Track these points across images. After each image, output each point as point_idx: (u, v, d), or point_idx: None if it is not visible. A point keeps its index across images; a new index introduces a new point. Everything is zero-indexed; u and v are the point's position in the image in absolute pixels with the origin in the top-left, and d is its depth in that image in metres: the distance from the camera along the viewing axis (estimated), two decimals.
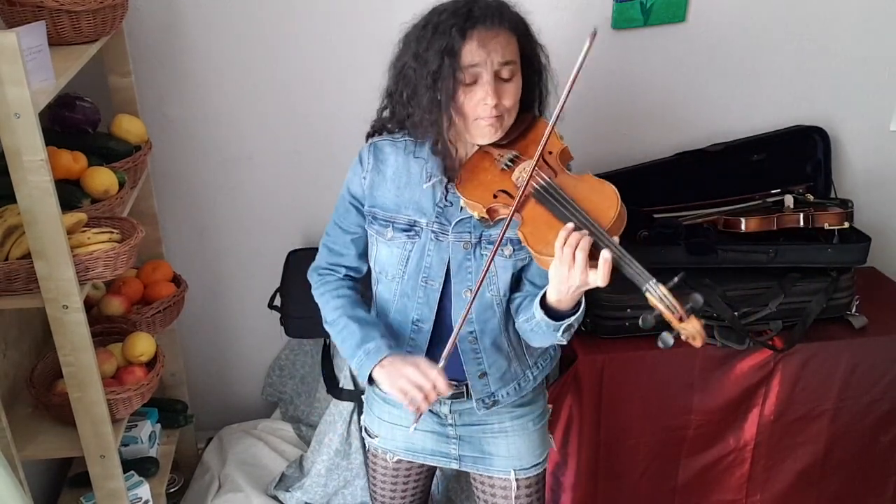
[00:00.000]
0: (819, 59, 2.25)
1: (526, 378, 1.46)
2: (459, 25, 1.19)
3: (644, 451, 2.07)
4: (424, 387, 1.24)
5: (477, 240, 1.32)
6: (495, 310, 1.36)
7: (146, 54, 2.00)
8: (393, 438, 1.55)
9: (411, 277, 1.35)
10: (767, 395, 2.03)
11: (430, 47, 1.21)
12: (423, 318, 1.37)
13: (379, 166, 1.36)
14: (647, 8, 2.09)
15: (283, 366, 2.43)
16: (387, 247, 1.36)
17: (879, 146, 2.38)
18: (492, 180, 1.28)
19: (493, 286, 1.34)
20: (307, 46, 2.05)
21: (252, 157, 2.17)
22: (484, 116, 1.23)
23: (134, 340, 1.72)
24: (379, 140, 1.39)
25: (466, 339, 1.38)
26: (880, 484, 2.21)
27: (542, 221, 1.21)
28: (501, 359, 1.41)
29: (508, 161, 1.28)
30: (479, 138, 1.28)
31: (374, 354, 1.32)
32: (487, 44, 1.19)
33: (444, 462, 1.54)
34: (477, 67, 1.20)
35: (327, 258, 1.47)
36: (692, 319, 1.11)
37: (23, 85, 1.20)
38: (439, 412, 1.49)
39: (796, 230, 2.06)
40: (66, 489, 1.95)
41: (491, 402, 1.44)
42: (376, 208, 1.36)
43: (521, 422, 1.49)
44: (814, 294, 1.99)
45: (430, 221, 1.32)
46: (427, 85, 1.22)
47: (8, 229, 1.43)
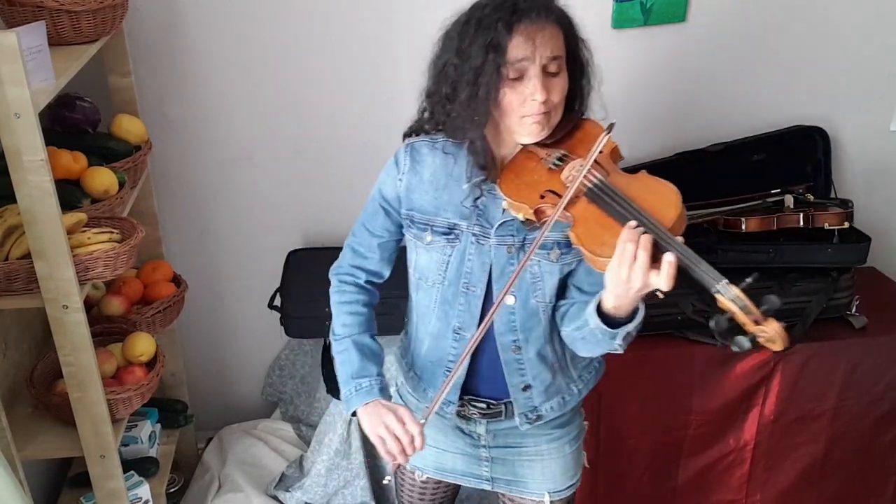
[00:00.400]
0: (819, 59, 2.25)
1: (570, 392, 1.40)
2: (505, 19, 1.13)
3: (644, 451, 2.07)
4: (402, 440, 1.22)
5: (521, 243, 1.26)
6: (541, 318, 1.30)
7: (146, 54, 1.99)
8: (422, 457, 1.47)
9: (452, 283, 1.30)
10: (767, 396, 2.03)
11: (474, 42, 1.15)
12: (464, 326, 1.31)
13: (416, 167, 1.30)
14: (647, 8, 2.09)
15: (283, 366, 2.43)
16: (426, 251, 1.30)
17: (879, 146, 2.38)
18: (538, 180, 1.21)
19: (538, 292, 1.28)
20: (307, 46, 2.05)
21: (252, 157, 2.17)
22: (531, 113, 1.17)
23: (134, 340, 1.72)
24: (415, 141, 1.32)
25: (509, 349, 1.31)
26: (880, 484, 2.21)
27: (595, 221, 1.14)
28: (546, 370, 1.35)
29: (556, 160, 1.21)
30: (524, 137, 1.21)
31: (364, 394, 1.29)
32: (535, 37, 1.13)
33: (475, 483, 1.48)
34: (524, 62, 1.14)
35: (351, 259, 1.41)
36: (770, 321, 1.04)
37: (23, 85, 1.20)
38: (474, 433, 1.42)
39: (796, 230, 2.06)
40: (66, 489, 1.95)
41: (535, 416, 1.37)
42: (414, 211, 1.30)
43: (557, 444, 1.43)
44: (814, 294, 1.99)
45: (471, 224, 1.26)
46: (469, 81, 1.16)
47: (8, 229, 1.43)
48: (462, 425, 1.43)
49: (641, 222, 1.09)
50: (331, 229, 2.29)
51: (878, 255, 2.23)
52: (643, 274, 1.06)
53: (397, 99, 2.14)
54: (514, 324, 1.30)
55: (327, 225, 2.28)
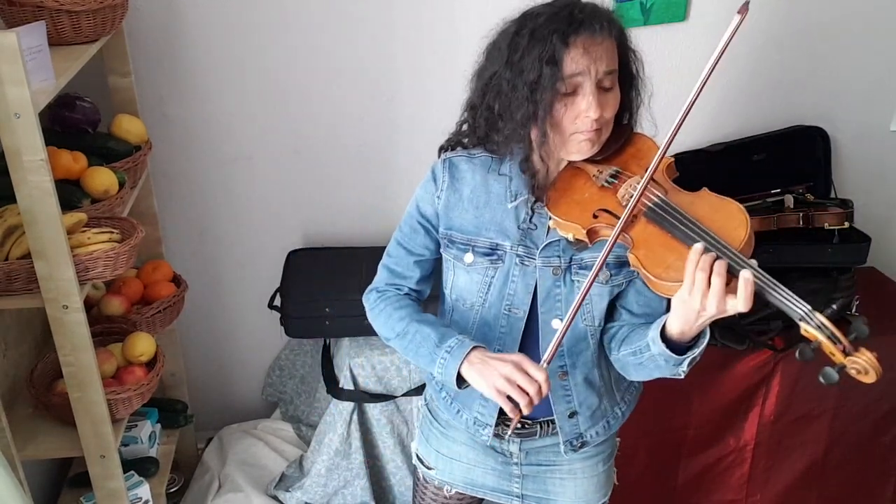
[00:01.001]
0: (819, 59, 2.25)
1: (615, 415, 1.36)
2: (561, 31, 1.08)
3: (644, 451, 2.07)
4: (530, 390, 1.08)
5: (567, 264, 1.20)
6: (589, 341, 1.25)
7: (146, 54, 1.99)
8: (451, 472, 1.45)
9: (493, 306, 1.24)
10: (767, 396, 2.03)
11: (527, 55, 1.09)
12: (505, 350, 1.25)
13: (455, 184, 1.24)
14: (647, 8, 2.09)
15: (283, 366, 2.43)
16: (466, 273, 1.25)
17: (879, 146, 2.38)
18: (590, 199, 1.15)
19: (587, 315, 1.23)
20: (307, 46, 2.05)
21: (252, 157, 2.17)
22: (583, 130, 1.12)
23: (134, 340, 1.72)
24: (453, 156, 1.25)
25: (556, 375, 1.26)
26: (880, 484, 2.21)
27: (657, 243, 1.08)
28: (593, 395, 1.30)
29: (609, 178, 1.16)
30: (574, 154, 1.17)
31: (459, 349, 1.16)
32: (591, 51, 1.08)
33: (505, 499, 1.45)
34: (579, 77, 1.09)
35: (388, 279, 1.33)
36: (862, 351, 0.96)
37: (23, 85, 1.20)
38: (506, 451, 1.39)
39: (796, 230, 2.06)
40: (66, 489, 1.95)
41: (579, 443, 1.34)
42: (453, 231, 1.24)
43: (591, 463, 1.40)
44: (814, 294, 1.99)
45: (515, 245, 1.21)
46: (524, 96, 1.10)
47: (8, 229, 1.43)
48: (495, 444, 1.39)
49: (710, 244, 1.03)
50: (331, 229, 2.29)
51: (878, 255, 2.23)
52: (718, 301, 0.99)
53: (397, 99, 2.14)
54: (562, 348, 1.24)
55: (327, 225, 2.29)
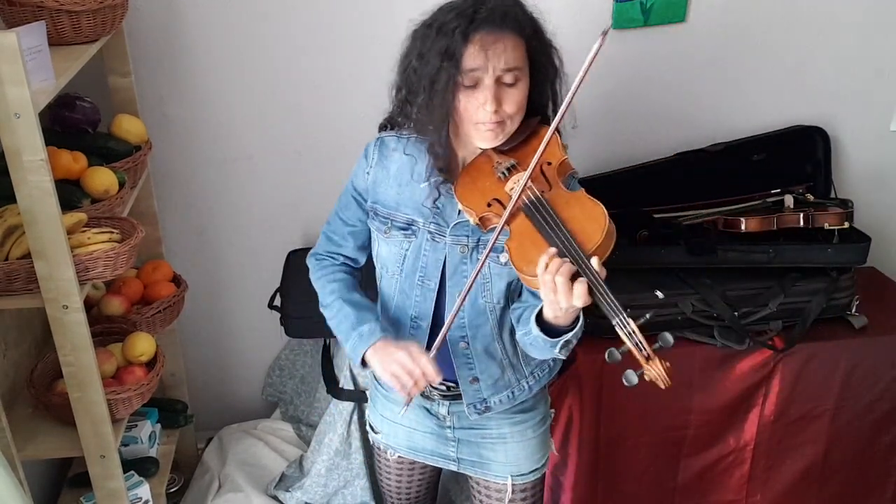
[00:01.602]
0: (819, 59, 2.25)
1: (521, 387, 1.45)
2: (462, 27, 1.15)
3: (644, 451, 2.07)
4: (414, 372, 1.24)
5: (475, 244, 1.30)
6: (488, 316, 1.35)
7: (146, 54, 1.99)
8: (395, 435, 1.55)
9: (409, 276, 1.35)
10: (767, 395, 2.03)
11: (432, 48, 1.18)
12: (420, 316, 1.37)
13: (383, 162, 1.35)
14: (647, 8, 2.09)
15: (283, 366, 2.43)
16: (386, 244, 1.36)
17: (879, 146, 2.38)
18: (489, 187, 1.24)
19: (486, 293, 1.32)
20: (307, 46, 2.05)
21: (252, 157, 2.17)
22: (484, 121, 1.20)
23: (134, 340, 1.72)
24: (386, 135, 1.37)
25: (458, 344, 1.37)
26: (880, 484, 2.21)
27: (527, 238, 1.17)
28: (494, 366, 1.40)
29: (505, 170, 1.25)
30: (479, 142, 1.25)
31: (368, 337, 1.32)
32: (489, 48, 1.15)
33: (443, 463, 1.54)
34: (477, 72, 1.16)
35: (325, 246, 1.48)
36: (656, 361, 1.08)
37: (23, 85, 1.20)
38: (438, 413, 1.48)
39: (796, 230, 2.06)
40: (66, 489, 1.95)
41: (483, 407, 1.43)
42: (378, 205, 1.36)
43: (520, 428, 1.48)
44: (814, 294, 1.99)
45: (427, 222, 1.31)
46: (425, 87, 1.20)
47: (8, 229, 1.43)
48: (427, 405, 1.48)
49: (563, 244, 1.12)
50: None
51: (878, 255, 2.23)
52: (565, 296, 1.09)
53: None
54: (463, 321, 1.35)
55: None
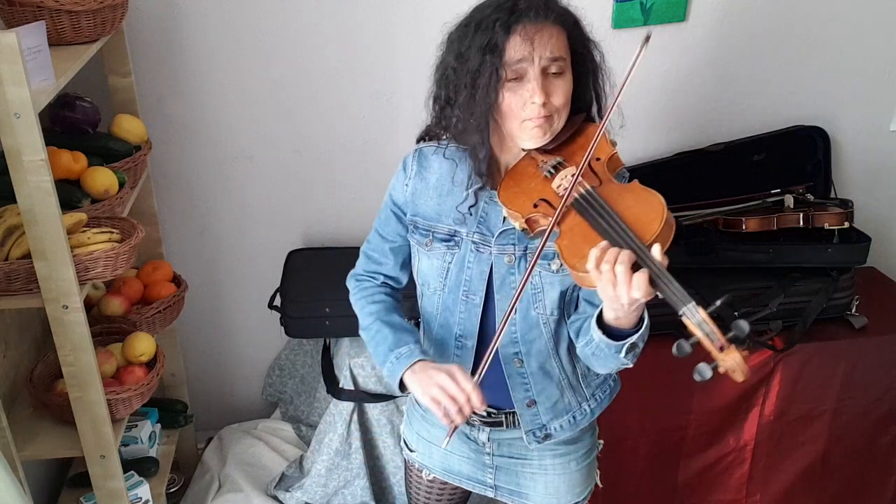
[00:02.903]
0: (819, 59, 2.25)
1: (582, 411, 1.36)
2: (503, 20, 1.11)
3: (644, 451, 2.07)
4: (458, 398, 1.14)
5: (522, 253, 1.23)
6: (542, 330, 1.27)
7: (146, 54, 1.99)
8: (430, 456, 1.48)
9: (452, 291, 1.28)
10: (767, 395, 2.03)
11: (472, 45, 1.13)
12: (465, 334, 1.29)
13: (422, 173, 1.29)
14: (647, 8, 2.09)
15: (283, 366, 2.43)
16: (427, 258, 1.29)
17: (879, 146, 2.38)
18: (534, 188, 1.18)
19: (538, 304, 1.25)
20: (307, 46, 2.05)
21: (252, 157, 2.17)
22: (532, 117, 1.14)
23: (134, 340, 1.72)
24: (424, 146, 1.31)
25: (512, 362, 1.29)
26: (880, 484, 2.21)
27: (579, 234, 1.10)
28: (552, 386, 1.31)
29: (551, 168, 1.18)
30: (526, 142, 1.18)
31: (406, 359, 1.24)
32: (533, 37, 1.11)
33: (479, 489, 1.47)
34: (522, 63, 1.11)
35: (365, 265, 1.40)
36: (732, 350, 0.98)
37: (23, 85, 1.20)
38: (477, 439, 1.41)
39: (796, 230, 2.07)
40: (66, 489, 1.95)
41: (543, 434, 1.34)
42: (418, 217, 1.30)
43: (562, 461, 1.40)
44: (814, 294, 1.99)
45: (471, 232, 1.24)
46: (467, 84, 1.14)
47: (8, 229, 1.43)
48: (466, 431, 1.41)
49: (618, 235, 1.06)
50: (331, 229, 2.29)
51: (878, 255, 2.23)
52: (626, 288, 1.01)
53: (396, 99, 2.14)
54: (516, 335, 1.27)
55: (327, 225, 2.29)
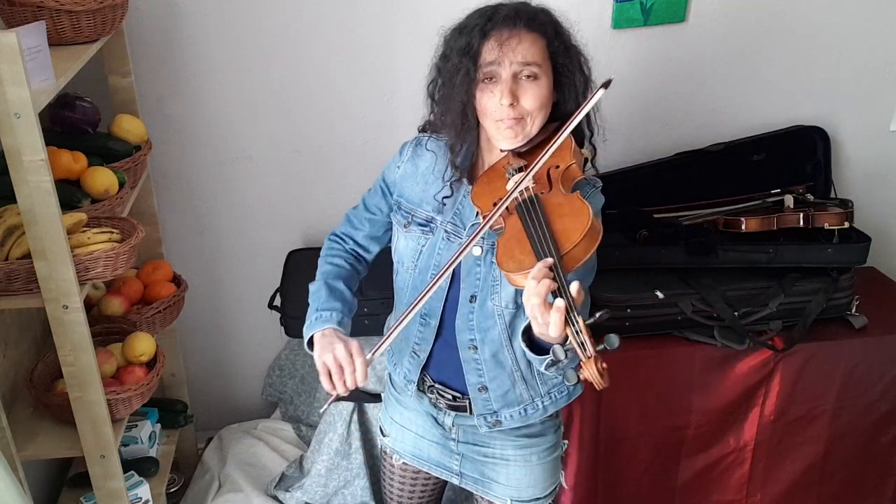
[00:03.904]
0: (819, 59, 2.25)
1: (535, 406, 1.41)
2: (481, 25, 1.20)
3: (644, 451, 2.07)
4: (345, 369, 1.24)
5: (490, 247, 1.28)
6: (496, 321, 1.32)
7: (146, 54, 2.00)
8: (402, 440, 1.54)
9: (422, 272, 1.35)
10: (767, 395, 2.03)
11: (454, 47, 1.22)
12: (430, 314, 1.36)
13: (415, 160, 1.38)
14: (647, 8, 2.09)
15: (283, 366, 2.43)
16: (404, 238, 1.37)
17: (879, 146, 2.38)
18: (498, 188, 1.24)
19: (495, 295, 1.30)
20: (307, 47, 2.05)
21: (252, 157, 2.17)
22: (502, 118, 1.21)
23: (134, 340, 1.72)
24: (422, 136, 1.40)
25: (467, 347, 1.35)
26: (880, 484, 2.21)
27: (515, 236, 1.17)
28: (504, 376, 1.37)
29: (514, 170, 1.24)
30: (501, 142, 1.25)
31: (323, 322, 1.33)
32: (505, 43, 1.18)
33: (446, 475, 1.52)
34: (493, 66, 1.19)
35: (343, 227, 1.51)
36: (593, 362, 1.02)
37: (23, 85, 1.20)
38: (444, 423, 1.47)
39: (796, 230, 2.06)
40: (66, 489, 1.95)
41: (493, 420, 1.40)
42: (402, 199, 1.38)
43: (524, 453, 1.45)
44: (814, 294, 1.99)
45: (445, 221, 1.32)
46: (446, 82, 1.24)
47: (8, 229, 1.43)
48: (434, 413, 1.47)
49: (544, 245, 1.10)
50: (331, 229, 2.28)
51: (878, 255, 2.23)
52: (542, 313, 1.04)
53: (396, 99, 2.14)
54: (472, 323, 1.33)
55: (327, 225, 2.27)
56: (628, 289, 1.95)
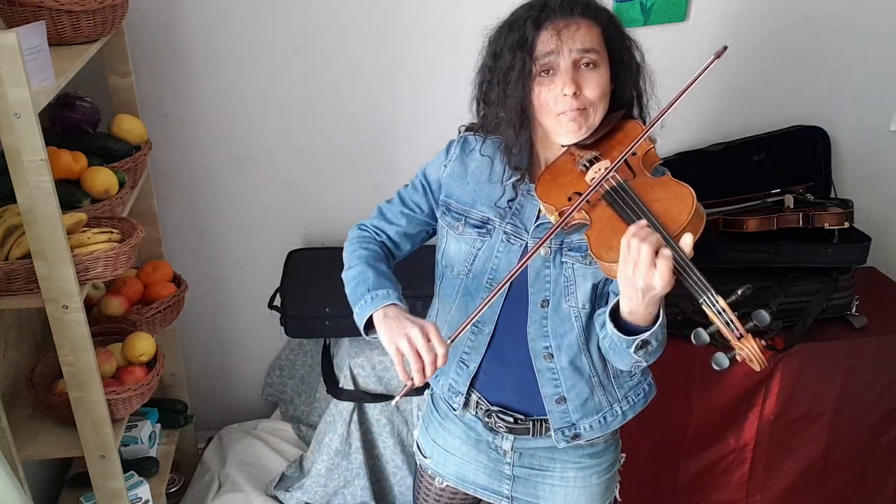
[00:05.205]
0: (819, 59, 2.25)
1: (613, 412, 1.34)
2: (533, 17, 1.14)
3: (644, 451, 2.07)
4: (425, 357, 1.11)
5: (558, 246, 1.23)
6: (573, 324, 1.25)
7: (146, 54, 1.99)
8: (445, 464, 1.46)
9: (476, 277, 1.28)
10: (767, 395, 2.03)
11: (506, 43, 1.16)
12: (484, 321, 1.28)
13: (463, 158, 1.31)
14: (647, 8, 2.09)
15: (283, 366, 2.43)
16: (456, 241, 1.30)
17: (879, 146, 2.38)
18: (569, 182, 1.18)
19: (570, 296, 1.23)
20: (307, 47, 2.05)
21: (252, 157, 2.17)
22: (565, 110, 1.15)
23: (134, 340, 1.72)
24: (469, 134, 1.33)
25: (542, 357, 1.27)
26: (880, 484, 2.21)
27: (609, 225, 1.11)
28: (582, 383, 1.29)
29: (587, 162, 1.18)
30: (563, 136, 1.19)
31: (382, 299, 1.21)
32: (563, 31, 1.13)
33: (494, 499, 1.44)
34: (551, 56, 1.13)
35: (375, 220, 1.39)
36: (750, 339, 0.99)
37: (23, 85, 1.20)
38: (500, 448, 1.38)
39: (796, 230, 2.06)
40: (66, 489, 1.95)
41: (572, 434, 1.32)
42: (452, 200, 1.30)
43: (584, 474, 1.38)
44: (814, 294, 1.99)
45: (504, 222, 1.25)
46: (500, 81, 1.17)
47: (8, 229, 1.43)
48: (489, 438, 1.39)
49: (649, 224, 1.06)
50: (331, 229, 2.29)
51: (878, 255, 2.23)
52: (646, 271, 1.01)
53: (397, 99, 2.14)
54: (546, 329, 1.26)
55: (327, 225, 2.29)
56: None
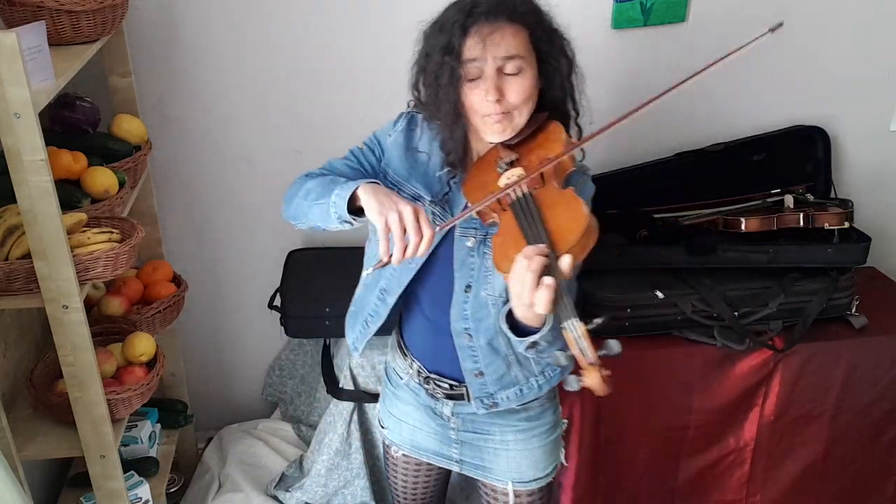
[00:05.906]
0: (819, 59, 2.25)
1: (530, 385, 1.41)
2: (460, 21, 1.17)
3: (644, 451, 2.07)
4: (412, 237, 1.11)
5: (482, 237, 1.29)
6: (489, 310, 1.32)
7: (146, 54, 1.99)
8: (399, 433, 1.55)
9: None
10: (767, 395, 2.03)
11: (436, 45, 1.21)
12: (388, 290, 1.37)
13: (408, 133, 1.37)
14: (647, 8, 2.09)
15: (283, 366, 2.43)
16: None
17: (879, 146, 2.38)
18: (490, 182, 1.24)
19: (488, 286, 1.30)
20: (307, 46, 2.05)
21: (252, 157, 2.17)
22: (490, 113, 1.20)
23: (134, 340, 1.72)
24: (418, 117, 1.38)
25: (462, 335, 1.35)
26: (880, 484, 2.21)
27: (510, 234, 1.16)
28: (499, 361, 1.37)
29: (505, 164, 1.24)
30: (489, 136, 1.25)
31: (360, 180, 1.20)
32: (486, 38, 1.16)
33: (445, 464, 1.54)
34: (476, 63, 1.18)
35: (323, 169, 1.41)
36: (595, 369, 1.04)
37: (23, 85, 1.20)
38: (442, 413, 1.47)
39: (796, 230, 2.06)
40: (66, 489, 1.95)
41: (490, 402, 1.41)
42: (389, 169, 1.36)
43: (523, 436, 1.46)
44: (814, 294, 1.99)
45: (433, 203, 1.31)
46: (431, 83, 1.23)
47: (8, 229, 1.43)
48: (431, 405, 1.47)
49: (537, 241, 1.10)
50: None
51: (878, 255, 2.23)
52: (529, 293, 1.05)
53: (397, 99, 2.13)
54: (467, 312, 1.33)
55: None
56: (628, 289, 1.96)
